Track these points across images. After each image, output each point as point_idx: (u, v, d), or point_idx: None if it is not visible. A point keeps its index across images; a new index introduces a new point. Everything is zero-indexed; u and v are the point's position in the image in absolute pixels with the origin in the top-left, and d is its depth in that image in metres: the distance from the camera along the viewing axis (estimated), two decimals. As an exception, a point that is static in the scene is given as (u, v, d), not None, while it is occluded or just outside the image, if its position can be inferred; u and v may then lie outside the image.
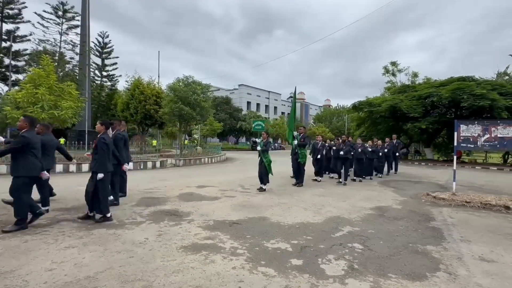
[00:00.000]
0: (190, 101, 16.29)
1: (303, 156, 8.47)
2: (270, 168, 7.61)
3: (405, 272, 2.97)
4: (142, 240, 3.67)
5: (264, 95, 69.67)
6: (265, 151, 7.62)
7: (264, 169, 7.56)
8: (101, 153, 4.53)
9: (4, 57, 30.59)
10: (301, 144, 8.62)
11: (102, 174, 4.44)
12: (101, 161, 4.50)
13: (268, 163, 7.56)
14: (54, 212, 4.93)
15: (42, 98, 10.61)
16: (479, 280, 2.82)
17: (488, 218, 5.37)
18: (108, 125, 4.89)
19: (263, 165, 7.55)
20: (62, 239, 3.63)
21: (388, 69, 35.87)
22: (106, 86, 37.07)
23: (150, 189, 7.44)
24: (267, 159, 7.55)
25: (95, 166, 4.51)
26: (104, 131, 4.71)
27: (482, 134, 7.19)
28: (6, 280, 2.56)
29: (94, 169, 4.50)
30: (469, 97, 17.23)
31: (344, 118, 54.64)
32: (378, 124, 23.58)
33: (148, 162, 13.32)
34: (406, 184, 9.63)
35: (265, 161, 7.52)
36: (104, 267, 2.87)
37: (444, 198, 6.79)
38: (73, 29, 30.33)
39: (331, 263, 3.14)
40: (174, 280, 2.65)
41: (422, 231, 4.44)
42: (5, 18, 30.58)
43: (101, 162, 4.50)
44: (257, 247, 3.54)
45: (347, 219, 5.04)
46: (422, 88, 21.87)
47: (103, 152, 4.54)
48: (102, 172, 4.45)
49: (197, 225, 4.42)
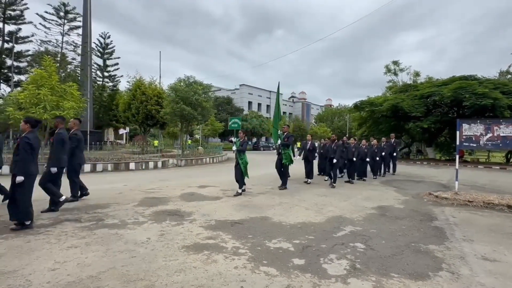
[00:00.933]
0: (192, 101, 16.30)
1: (287, 157, 7.89)
2: (246, 171, 7.05)
3: (407, 271, 2.96)
4: (144, 240, 3.68)
5: (266, 95, 69.62)
6: (241, 152, 6.98)
7: (239, 171, 6.95)
8: (23, 154, 4.09)
9: (6, 58, 30.73)
10: (285, 144, 7.97)
11: (22, 177, 4.00)
12: (22, 163, 4.06)
13: (244, 165, 6.95)
14: (56, 213, 4.94)
15: (44, 99, 10.64)
16: (482, 280, 2.81)
17: (490, 218, 5.35)
18: (34, 123, 4.42)
19: (239, 167, 6.93)
20: (65, 239, 3.64)
21: (389, 68, 35.82)
22: (107, 87, 37.13)
23: (152, 189, 7.46)
24: (243, 161, 6.93)
25: (15, 168, 4.08)
26: (29, 130, 4.30)
27: (484, 133, 7.16)
28: (9, 280, 2.57)
29: (15, 171, 4.07)
30: (471, 96, 17.17)
31: (345, 118, 54.54)
32: (379, 123, 23.55)
33: (150, 162, 13.36)
34: (408, 184, 9.60)
35: (241, 162, 6.90)
36: (107, 267, 2.88)
37: (447, 197, 6.77)
38: (75, 30, 30.39)
39: (333, 263, 3.13)
40: (176, 279, 2.65)
41: (424, 231, 4.43)
42: (7, 19, 30.68)
43: (23, 164, 4.06)
44: (259, 247, 3.54)
45: (349, 218, 5.03)
46: (424, 87, 21.82)
47: (25, 153, 4.12)
48: (22, 175, 4.01)
49: (199, 225, 4.43)
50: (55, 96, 11.10)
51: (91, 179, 9.23)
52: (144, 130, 23.78)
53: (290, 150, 7.97)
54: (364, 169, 10.33)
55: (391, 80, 36.31)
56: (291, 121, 58.12)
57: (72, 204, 5.58)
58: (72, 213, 4.93)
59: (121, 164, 12.27)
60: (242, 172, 6.95)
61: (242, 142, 7.05)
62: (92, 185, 8.02)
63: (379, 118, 22.72)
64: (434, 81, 25.28)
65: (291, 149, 8.07)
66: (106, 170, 11.68)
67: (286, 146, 7.94)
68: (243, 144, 7.05)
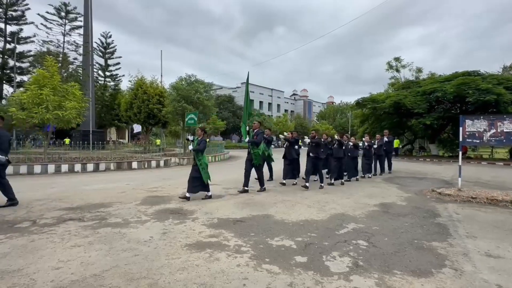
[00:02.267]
0: (193, 100, 16.34)
1: (257, 157, 7.00)
2: (206, 174, 6.08)
3: (410, 268, 2.95)
4: (147, 239, 3.69)
5: (267, 93, 69.50)
6: (199, 152, 6.08)
7: (196, 173, 6.02)
8: None
9: (8, 59, 30.88)
10: (253, 142, 7.00)
11: None
12: None
13: (203, 167, 6.05)
14: (60, 212, 4.98)
15: (46, 99, 10.70)
16: (485, 276, 2.80)
17: (494, 214, 5.32)
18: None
19: (196, 168, 6.04)
20: (68, 238, 3.67)
21: (391, 64, 35.60)
22: (109, 86, 37.24)
23: (154, 188, 7.48)
24: (201, 162, 6.04)
25: None
26: None
27: (488, 129, 7.10)
28: (14, 279, 2.59)
29: None
30: (474, 92, 17.02)
31: (347, 115, 54.38)
32: (382, 120, 23.44)
33: (152, 161, 13.40)
34: (410, 181, 9.57)
35: (199, 164, 6.03)
36: (110, 266, 2.89)
37: (450, 194, 6.73)
38: (76, 30, 30.52)
39: (335, 260, 3.13)
40: (179, 277, 2.67)
41: (427, 228, 4.41)
42: (9, 20, 30.82)
43: None
44: (262, 245, 3.54)
45: (352, 216, 5.02)
46: (427, 83, 21.67)
47: None
48: None
49: (201, 223, 4.44)
50: (57, 96, 11.16)
51: (94, 178, 9.28)
52: (146, 129, 23.85)
53: (260, 149, 7.06)
54: (353, 168, 9.24)
55: (393, 76, 36.11)
56: (292, 119, 58.06)
57: (76, 204, 5.61)
58: (75, 212, 4.96)
59: (124, 163, 12.32)
60: (200, 175, 6.02)
61: (200, 140, 6.12)
62: (95, 184, 8.08)
63: (381, 115, 22.60)
64: (437, 77, 25.09)
65: (260, 148, 7.12)
66: (109, 169, 11.74)
67: (255, 145, 7.01)
68: (201, 143, 6.11)
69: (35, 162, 10.79)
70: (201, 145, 6.09)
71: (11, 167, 9.89)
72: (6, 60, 30.91)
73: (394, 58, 35.42)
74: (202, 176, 6.02)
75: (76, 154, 13.65)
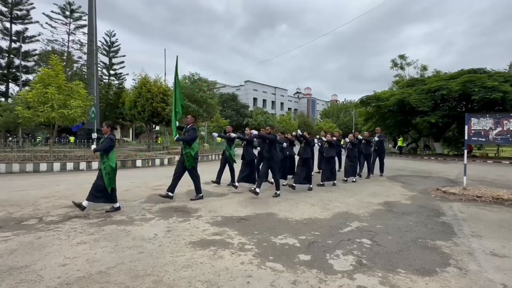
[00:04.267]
0: (197, 98, 16.38)
1: (189, 158, 5.82)
2: (109, 181, 4.81)
3: (414, 267, 2.95)
4: (151, 236, 3.72)
5: (271, 91, 69.35)
6: (103, 153, 4.83)
7: (99, 179, 4.80)
8: None
9: (14, 58, 31.17)
10: (183, 139, 5.83)
11: None
12: None
13: (107, 171, 4.81)
14: (65, 209, 5.03)
15: (51, 98, 10.78)
16: (490, 275, 2.78)
17: (500, 213, 5.27)
18: None
19: (101, 174, 4.84)
20: (74, 235, 3.71)
21: (396, 62, 35.23)
22: (113, 85, 37.41)
23: (158, 186, 7.53)
24: (106, 165, 4.82)
25: None
26: None
27: (493, 128, 7.03)
28: (22, 275, 2.63)
29: None
30: (480, 89, 16.83)
31: (351, 113, 54.10)
32: (386, 118, 23.31)
33: (156, 159, 13.48)
34: (415, 179, 9.51)
35: (102, 167, 4.83)
36: (115, 263, 2.92)
37: (455, 192, 6.68)
38: (81, 29, 30.58)
39: (339, 259, 3.13)
40: (183, 275, 2.69)
41: (431, 226, 4.39)
42: (14, 19, 31.08)
43: None
44: (265, 243, 3.56)
45: (355, 214, 5.01)
46: (432, 81, 21.45)
47: None
48: None
49: (205, 221, 4.47)
50: (62, 95, 11.23)
51: (98, 177, 9.36)
52: (150, 128, 23.96)
53: (192, 148, 5.86)
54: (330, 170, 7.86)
55: (397, 74, 35.73)
56: (296, 117, 57.90)
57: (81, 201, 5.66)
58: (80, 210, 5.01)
59: (128, 161, 12.41)
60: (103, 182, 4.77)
61: (107, 140, 4.89)
62: (100, 182, 8.14)
63: (385, 113, 22.46)
64: (442, 75, 24.83)
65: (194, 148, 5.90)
66: (113, 167, 11.82)
67: (187, 143, 5.82)
68: (105, 142, 4.87)
69: (41, 160, 10.90)
70: (104, 144, 4.86)
71: (18, 165, 10.02)
72: (11, 59, 31.21)
73: (399, 55, 35.05)
74: (104, 183, 4.76)
75: (81, 152, 13.78)
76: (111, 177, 4.86)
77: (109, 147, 4.87)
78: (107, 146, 4.84)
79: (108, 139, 4.90)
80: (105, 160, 4.85)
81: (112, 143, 4.91)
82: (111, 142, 4.89)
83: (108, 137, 4.93)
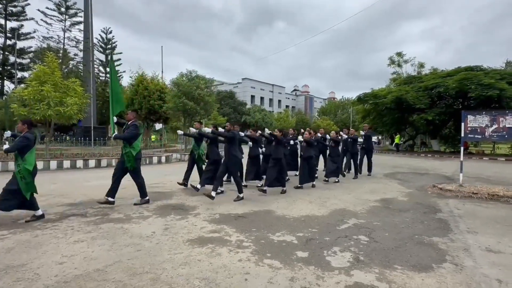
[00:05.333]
0: (194, 96, 16.31)
1: (130, 159, 5.21)
2: (27, 185, 4.14)
3: (411, 263, 2.97)
4: (149, 234, 3.72)
5: (268, 89, 69.23)
6: (18, 154, 4.16)
7: (13, 184, 4.12)
8: None
9: (9, 55, 30.88)
10: (121, 137, 5.20)
11: None
12: None
13: (23, 175, 4.13)
14: (62, 207, 5.01)
15: (47, 95, 10.70)
16: (486, 271, 2.81)
17: (495, 209, 5.32)
18: None
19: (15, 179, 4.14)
20: (71, 234, 3.70)
21: (393, 60, 35.31)
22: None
23: (156, 183, 7.51)
24: (21, 168, 4.13)
25: None
26: None
27: (490, 125, 7.08)
28: (18, 274, 2.62)
29: None
30: (476, 87, 16.93)
31: (349, 111, 54.20)
32: (383, 116, 23.39)
33: (153, 157, 13.44)
34: (412, 176, 9.57)
35: (17, 171, 4.16)
36: (113, 260, 2.92)
37: (451, 189, 6.74)
38: (76, 26, 30.36)
39: (336, 255, 3.15)
40: (181, 272, 2.69)
41: (428, 223, 4.42)
42: (9, 15, 30.76)
43: None
44: (263, 240, 3.57)
45: (352, 211, 5.04)
46: (429, 78, 21.56)
47: None
48: None
49: (203, 218, 4.47)
50: (58, 93, 11.15)
51: (96, 175, 9.32)
52: (148, 125, 23.87)
53: (133, 148, 5.22)
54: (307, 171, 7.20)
55: (395, 72, 35.84)
56: (294, 115, 57.91)
57: (78, 199, 5.65)
58: (78, 208, 5.00)
59: (125, 159, 12.35)
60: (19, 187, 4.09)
61: (22, 139, 4.16)
62: (96, 180, 8.11)
63: (383, 110, 22.53)
64: (439, 72, 24.95)
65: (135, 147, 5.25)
66: (111, 165, 11.77)
67: (127, 142, 5.17)
68: (19, 141, 4.15)
69: (37, 159, 10.83)
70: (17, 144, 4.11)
71: (13, 163, 9.94)
72: (6, 56, 30.92)
73: (396, 53, 35.14)
74: (20, 188, 4.11)
75: (77, 150, 13.71)
76: (28, 182, 4.15)
77: (24, 146, 4.14)
78: (20, 145, 4.11)
79: (23, 138, 4.16)
80: (19, 162, 4.14)
81: (28, 142, 4.16)
82: (26, 141, 4.15)
83: (23, 135, 4.19)
